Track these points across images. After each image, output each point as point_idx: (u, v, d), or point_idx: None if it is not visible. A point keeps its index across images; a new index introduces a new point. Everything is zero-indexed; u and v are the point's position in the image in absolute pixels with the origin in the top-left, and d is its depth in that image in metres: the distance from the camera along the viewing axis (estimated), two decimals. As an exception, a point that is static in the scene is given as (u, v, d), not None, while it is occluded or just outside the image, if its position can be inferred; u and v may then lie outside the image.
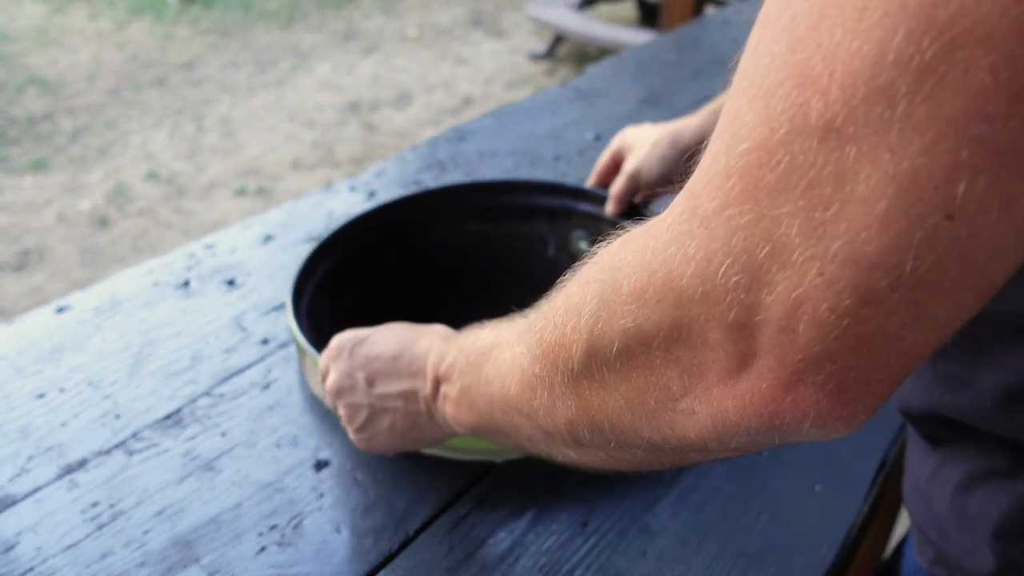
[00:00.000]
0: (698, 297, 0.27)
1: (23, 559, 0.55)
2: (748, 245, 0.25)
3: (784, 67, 0.24)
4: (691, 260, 0.27)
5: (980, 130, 0.21)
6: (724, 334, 0.27)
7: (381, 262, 0.72)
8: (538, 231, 0.78)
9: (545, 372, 0.37)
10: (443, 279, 0.76)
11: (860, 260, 0.23)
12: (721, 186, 0.26)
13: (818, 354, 0.25)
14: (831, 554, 0.57)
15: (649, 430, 0.32)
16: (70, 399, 0.69)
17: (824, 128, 0.23)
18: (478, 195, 0.77)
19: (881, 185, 0.22)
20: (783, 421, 0.26)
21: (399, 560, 0.56)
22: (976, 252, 0.23)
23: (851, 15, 0.22)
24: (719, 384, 0.27)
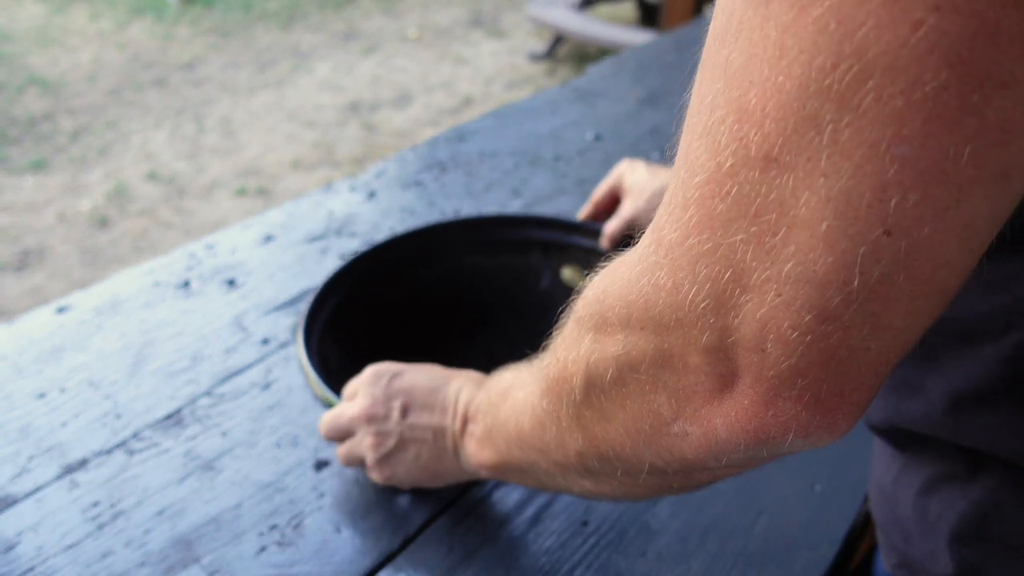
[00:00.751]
0: (673, 323, 0.29)
1: (24, 559, 0.55)
2: (711, 272, 0.27)
3: (724, 103, 0.26)
4: (662, 289, 0.29)
5: (901, 150, 0.22)
6: (702, 357, 0.28)
7: (381, 299, 0.74)
8: (532, 264, 0.80)
9: (552, 406, 0.39)
10: (441, 313, 0.78)
11: (811, 279, 0.24)
12: (680, 217, 0.27)
13: (789, 370, 0.26)
14: (831, 554, 0.57)
15: (650, 455, 0.33)
16: (71, 399, 0.69)
17: (764, 159, 0.24)
18: (473, 230, 0.79)
19: (820, 208, 0.24)
20: (768, 434, 0.28)
21: (399, 560, 0.56)
22: (920, 263, 0.24)
23: (773, 53, 0.24)
24: (706, 405, 0.29)
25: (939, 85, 0.21)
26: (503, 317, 0.79)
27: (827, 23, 0.22)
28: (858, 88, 0.22)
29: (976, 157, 0.22)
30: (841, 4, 0.22)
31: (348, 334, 0.70)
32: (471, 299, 0.79)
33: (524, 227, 0.80)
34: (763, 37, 0.24)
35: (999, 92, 0.21)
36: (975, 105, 0.22)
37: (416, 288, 0.77)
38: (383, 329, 0.74)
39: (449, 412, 0.54)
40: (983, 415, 0.39)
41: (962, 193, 0.23)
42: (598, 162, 1.12)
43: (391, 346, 0.74)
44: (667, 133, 1.21)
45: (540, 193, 1.04)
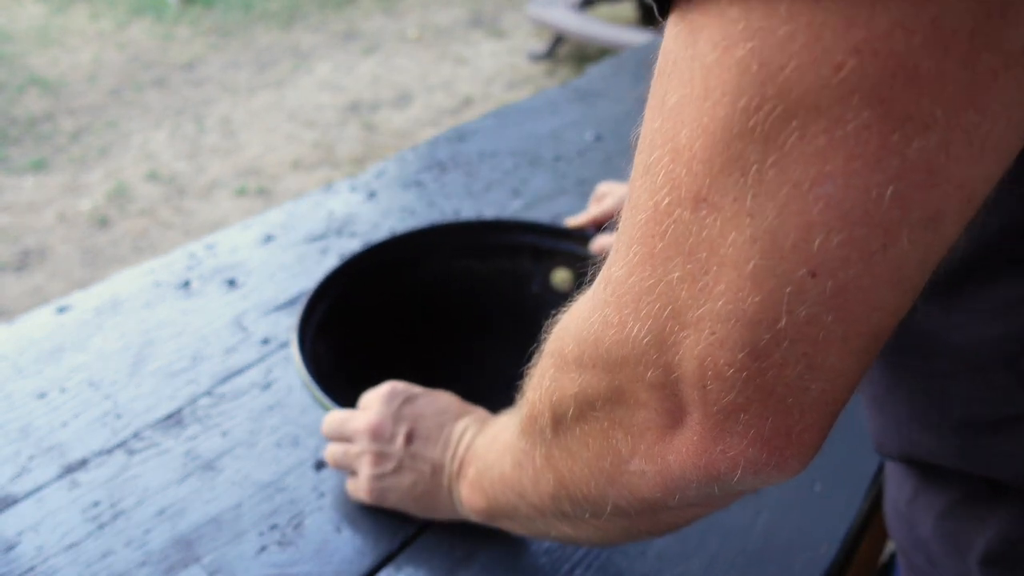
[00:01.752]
0: (620, 361, 0.29)
1: (24, 558, 0.55)
2: (652, 309, 0.27)
3: (661, 142, 0.26)
4: (610, 326, 0.29)
5: (825, 189, 0.22)
6: (650, 393, 0.28)
7: (374, 301, 0.75)
8: (523, 268, 0.80)
9: (527, 445, 0.40)
10: (433, 316, 0.78)
11: (741, 317, 0.25)
12: (625, 254, 0.28)
13: (730, 406, 0.26)
14: (831, 553, 0.57)
15: (614, 494, 0.33)
16: (71, 399, 0.69)
17: (694, 199, 0.25)
18: (464, 233, 0.80)
19: (747, 247, 0.24)
20: (718, 470, 0.28)
21: (399, 559, 0.56)
22: (849, 305, 0.24)
23: (699, 93, 0.24)
24: (659, 441, 0.29)
25: (860, 124, 0.22)
26: (495, 320, 0.79)
27: (749, 64, 0.23)
28: (782, 128, 0.22)
29: (900, 199, 0.22)
30: (763, 46, 0.22)
31: (340, 336, 0.70)
32: (463, 302, 0.79)
33: (515, 231, 0.80)
34: (691, 77, 0.24)
35: (921, 133, 0.21)
36: (896, 145, 0.22)
37: (409, 291, 0.78)
38: (375, 331, 0.74)
39: (450, 451, 0.54)
40: (1000, 443, 0.38)
41: (888, 236, 0.23)
42: (598, 162, 1.12)
43: (383, 348, 0.74)
44: (667, 133, 1.21)
45: (540, 193, 1.04)
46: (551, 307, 0.87)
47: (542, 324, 0.64)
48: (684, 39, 0.25)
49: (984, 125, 0.22)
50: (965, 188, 0.23)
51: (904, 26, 0.21)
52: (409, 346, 0.77)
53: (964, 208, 0.23)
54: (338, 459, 0.58)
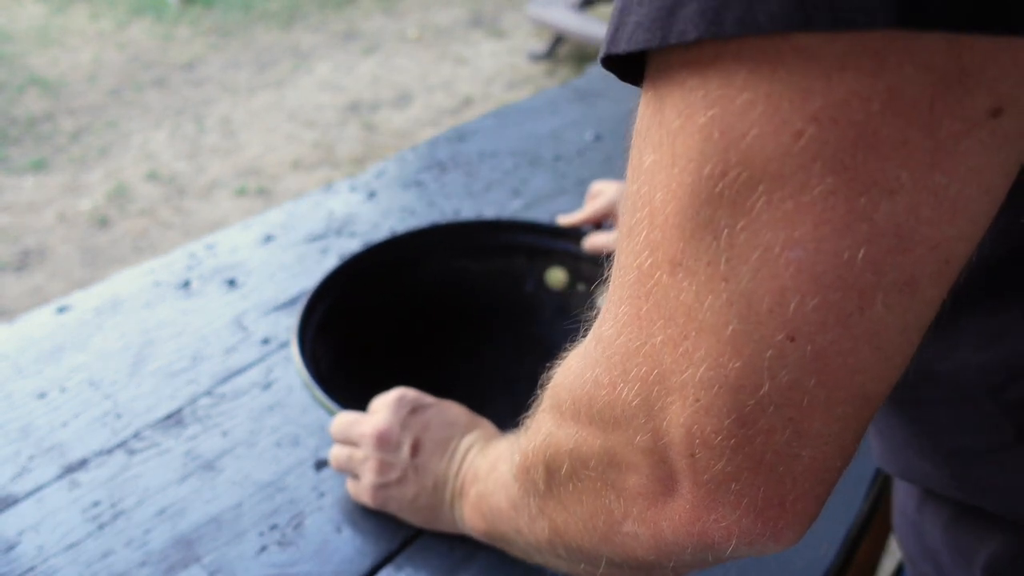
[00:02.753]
0: (611, 422, 0.29)
1: (24, 558, 0.55)
2: (640, 372, 0.27)
3: (641, 205, 0.26)
4: (601, 386, 0.29)
5: (795, 254, 0.22)
6: (641, 457, 0.28)
7: (374, 301, 0.75)
8: (517, 268, 0.81)
9: (519, 492, 0.39)
10: (431, 315, 0.78)
11: (724, 383, 0.24)
12: (615, 314, 0.28)
13: (720, 475, 0.26)
14: (831, 554, 0.57)
15: (608, 551, 0.33)
16: (71, 399, 0.69)
17: (671, 263, 0.25)
18: (459, 234, 0.80)
19: (724, 312, 0.24)
20: (712, 539, 0.27)
21: (399, 559, 0.56)
22: (830, 369, 0.24)
23: (668, 159, 0.24)
24: (652, 507, 0.29)
25: (825, 190, 0.21)
26: (490, 320, 0.80)
27: (711, 132, 0.23)
28: (748, 194, 0.22)
29: (872, 263, 0.22)
30: (724, 114, 0.22)
31: (340, 336, 0.70)
32: (461, 302, 0.80)
33: (510, 231, 0.81)
34: (660, 142, 0.24)
35: (887, 197, 0.21)
36: (863, 210, 0.21)
37: (408, 290, 0.78)
38: (375, 331, 0.74)
39: (455, 467, 0.53)
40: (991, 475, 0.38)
41: (864, 300, 0.23)
42: (598, 162, 1.12)
43: (383, 348, 0.74)
44: (667, 133, 1.21)
45: (540, 193, 1.04)
46: (546, 307, 0.87)
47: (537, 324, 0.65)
48: (652, 105, 0.25)
49: (953, 186, 0.21)
50: (939, 250, 0.22)
51: (861, 95, 0.20)
52: (408, 346, 0.77)
53: (942, 271, 0.23)
54: (342, 462, 0.58)
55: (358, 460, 0.56)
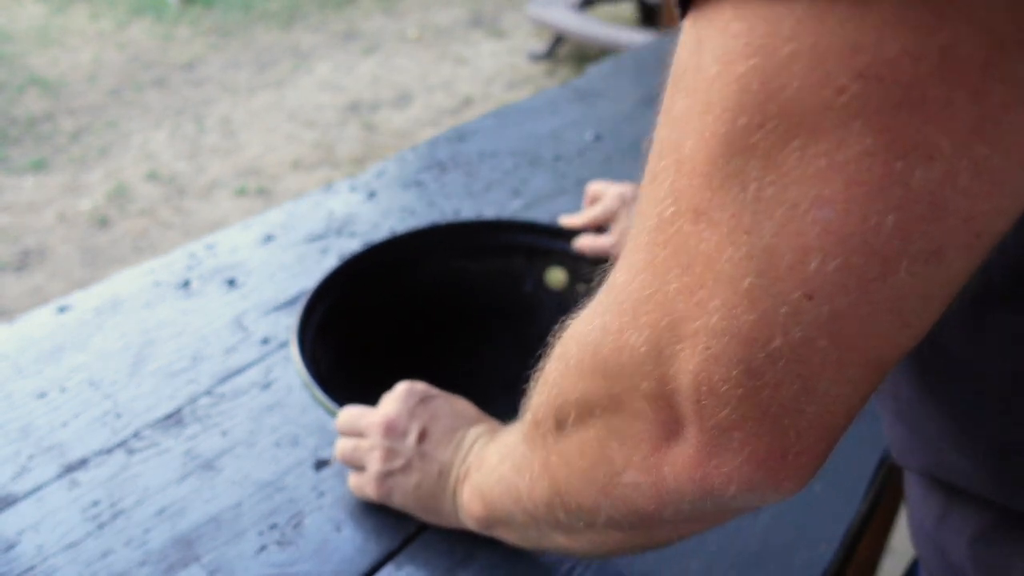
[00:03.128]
0: (617, 369, 0.29)
1: (24, 558, 0.55)
2: (650, 318, 0.27)
3: (668, 151, 0.26)
4: (608, 333, 0.29)
5: (823, 214, 0.22)
6: (646, 404, 0.28)
7: (373, 301, 0.75)
8: (516, 268, 0.81)
9: (527, 450, 0.39)
10: (431, 315, 0.79)
11: (736, 334, 0.25)
12: (629, 260, 0.28)
13: (724, 423, 0.26)
14: (830, 553, 0.57)
15: (607, 505, 0.33)
16: (71, 398, 0.69)
17: (694, 211, 0.25)
18: (458, 234, 0.80)
19: (743, 264, 0.24)
20: (712, 486, 0.28)
21: (399, 559, 0.56)
22: (845, 330, 0.24)
23: (703, 106, 0.24)
24: (653, 453, 0.29)
25: (862, 151, 0.21)
26: (491, 320, 0.80)
27: (750, 82, 0.22)
28: (782, 147, 0.22)
29: (901, 229, 0.22)
30: (765, 64, 0.22)
31: (340, 336, 0.70)
32: (458, 303, 0.80)
33: (509, 231, 0.81)
34: (695, 88, 0.24)
35: (925, 163, 0.21)
36: (899, 174, 0.21)
37: (407, 291, 0.78)
38: (374, 331, 0.74)
39: (460, 455, 0.53)
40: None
41: (887, 267, 0.22)
42: (598, 162, 1.12)
43: (382, 348, 0.74)
44: (667, 133, 1.21)
45: (540, 193, 1.04)
46: (545, 307, 0.87)
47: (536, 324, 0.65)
48: (691, 47, 0.24)
49: (994, 159, 0.21)
50: (972, 223, 0.22)
51: (911, 53, 0.20)
52: (408, 345, 0.77)
53: (972, 244, 0.22)
54: (347, 453, 0.58)
55: (364, 449, 0.56)
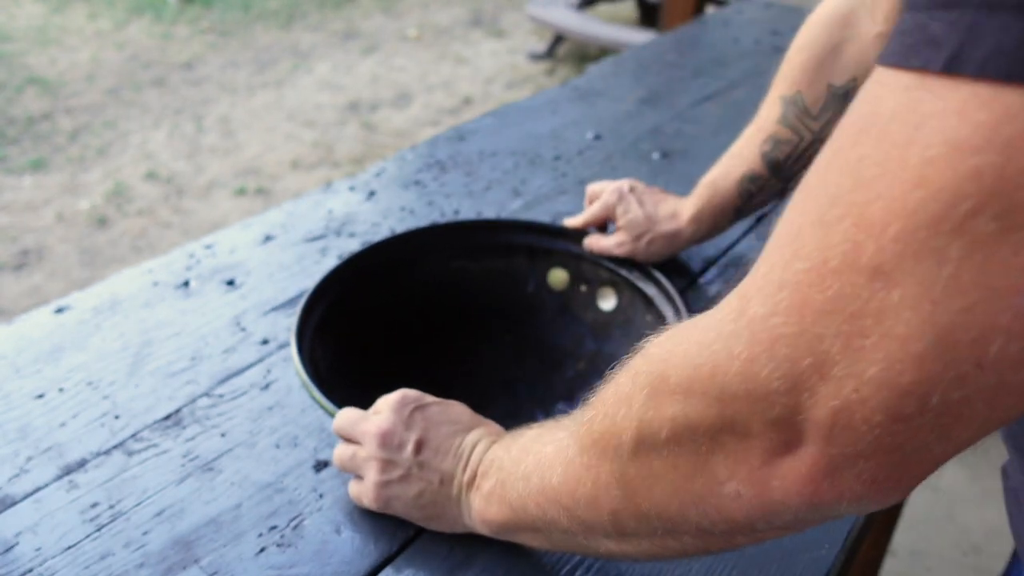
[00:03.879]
0: (741, 394, 0.29)
1: (22, 560, 0.55)
2: (791, 354, 0.27)
3: (846, 204, 0.26)
4: (735, 359, 0.29)
5: (1021, 301, 0.23)
6: (767, 427, 0.29)
7: (373, 301, 0.75)
8: (518, 268, 0.80)
9: (593, 461, 0.39)
10: (431, 315, 0.78)
11: (893, 387, 0.25)
12: (772, 295, 0.28)
13: (852, 453, 0.27)
14: (831, 554, 0.57)
15: (697, 515, 0.33)
16: (69, 399, 0.69)
17: (873, 270, 0.25)
18: (462, 233, 0.80)
19: (920, 330, 0.24)
20: (823, 501, 0.29)
21: (399, 560, 0.56)
22: (1003, 396, 0.25)
23: (911, 180, 0.24)
24: (763, 467, 0.30)
25: None
26: (489, 321, 0.79)
27: (982, 174, 0.22)
28: (999, 238, 0.22)
29: None
30: (1006, 164, 0.22)
31: (340, 336, 0.70)
32: (461, 302, 0.79)
33: (510, 231, 0.80)
34: (904, 158, 0.24)
35: None
36: None
37: (407, 291, 0.78)
38: (374, 331, 0.74)
39: (462, 461, 0.53)
40: None
41: None
42: (598, 162, 1.12)
43: (382, 348, 0.74)
44: (667, 133, 1.21)
45: (540, 193, 1.04)
46: (547, 307, 0.87)
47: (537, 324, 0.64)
48: (901, 109, 0.24)
49: None
50: None
51: None
52: (407, 345, 0.77)
53: None
54: (344, 461, 0.58)
55: (361, 459, 0.56)
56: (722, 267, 0.89)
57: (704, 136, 1.20)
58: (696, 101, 1.32)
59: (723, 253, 0.91)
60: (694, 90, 1.36)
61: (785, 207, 0.29)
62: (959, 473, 1.84)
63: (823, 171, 0.28)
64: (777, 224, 0.30)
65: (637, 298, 0.75)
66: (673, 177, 1.07)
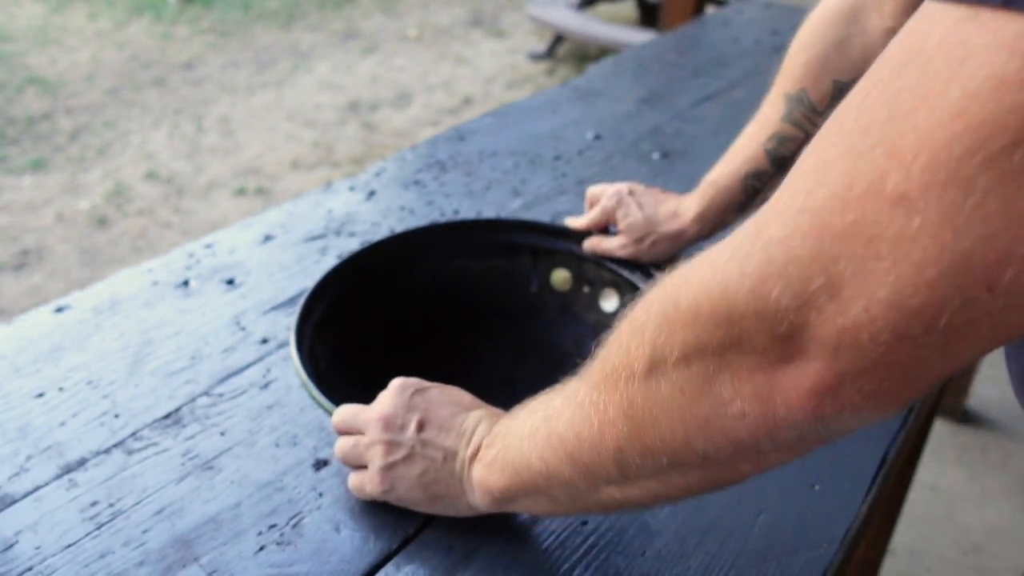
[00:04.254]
0: (750, 312, 0.30)
1: (22, 558, 0.55)
2: (803, 274, 0.28)
3: (879, 134, 0.26)
4: (746, 277, 0.30)
5: None
6: (773, 342, 0.29)
7: (373, 301, 0.75)
8: (521, 268, 0.80)
9: (601, 396, 0.39)
10: (431, 315, 0.78)
11: (902, 308, 0.26)
12: (792, 218, 0.28)
13: (856, 369, 0.28)
14: (830, 554, 0.57)
15: (703, 440, 0.34)
16: (69, 398, 0.69)
17: (898, 197, 0.25)
18: (463, 233, 0.80)
19: (936, 256, 0.25)
20: (824, 413, 0.29)
21: (398, 559, 0.56)
22: (1009, 318, 0.25)
23: (950, 111, 0.24)
24: (767, 383, 0.30)
25: None
26: (493, 320, 0.79)
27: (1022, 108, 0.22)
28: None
29: None
30: None
31: (339, 336, 0.70)
32: (462, 302, 0.79)
33: (513, 231, 0.80)
34: (945, 91, 0.24)
35: None
36: None
37: (408, 290, 0.78)
38: (374, 331, 0.74)
39: (464, 438, 0.53)
40: None
41: None
42: (598, 162, 1.12)
43: (382, 348, 0.74)
44: (667, 133, 1.21)
45: (540, 193, 1.04)
46: (548, 307, 0.87)
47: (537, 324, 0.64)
48: (946, 45, 0.24)
49: None
50: None
51: None
52: (407, 345, 0.77)
53: None
54: (347, 452, 0.58)
55: (364, 446, 0.56)
56: (721, 267, 0.88)
57: (704, 136, 1.20)
58: (696, 101, 1.32)
59: (722, 253, 0.91)
60: (694, 90, 1.36)
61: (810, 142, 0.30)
62: (959, 473, 1.84)
63: (857, 104, 0.28)
64: (801, 157, 0.30)
65: None
66: (673, 177, 1.08)
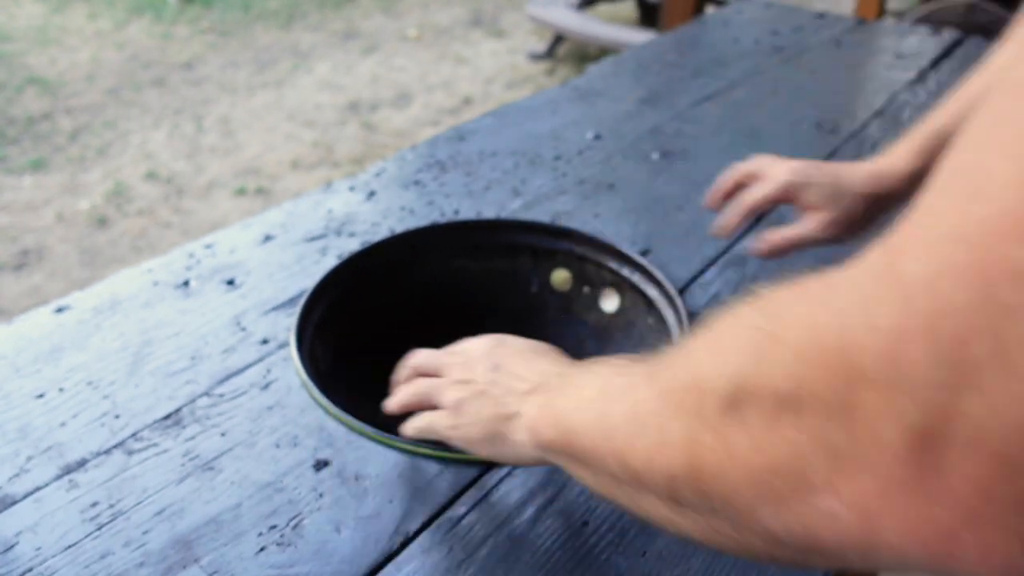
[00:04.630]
0: (876, 379, 0.21)
1: (22, 559, 0.55)
2: (963, 334, 0.19)
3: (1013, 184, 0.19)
4: (876, 331, 0.22)
5: None
6: (899, 434, 0.21)
7: (374, 301, 0.75)
8: (521, 268, 0.80)
9: (664, 409, 0.32)
10: (432, 315, 0.78)
11: None
12: (940, 251, 0.21)
13: (1015, 494, 0.19)
14: (831, 554, 0.57)
15: (771, 518, 0.26)
16: (69, 399, 0.69)
17: None
18: (464, 233, 0.80)
19: None
20: (954, 559, 0.21)
21: (399, 560, 0.56)
22: None
23: None
24: (877, 495, 0.22)
25: None
26: (490, 321, 0.79)
27: None
28: None
29: None
30: None
31: (340, 336, 0.70)
32: (462, 302, 0.79)
33: (513, 231, 0.80)
34: None
35: None
36: None
37: (408, 290, 0.78)
38: (375, 331, 0.74)
39: (534, 375, 0.51)
40: None
41: None
42: (598, 162, 1.12)
43: (382, 348, 0.74)
44: (667, 133, 1.21)
45: (540, 193, 1.04)
46: (549, 307, 0.87)
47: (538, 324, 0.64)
48: None
49: None
50: None
51: None
52: (408, 346, 0.77)
53: None
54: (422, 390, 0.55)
55: (441, 386, 0.54)
56: (722, 267, 0.89)
57: (704, 136, 1.20)
58: (696, 101, 1.32)
59: (723, 253, 0.91)
60: (694, 90, 1.36)
61: None
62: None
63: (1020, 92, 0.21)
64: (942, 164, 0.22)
65: (639, 300, 0.75)
66: (673, 177, 1.08)
